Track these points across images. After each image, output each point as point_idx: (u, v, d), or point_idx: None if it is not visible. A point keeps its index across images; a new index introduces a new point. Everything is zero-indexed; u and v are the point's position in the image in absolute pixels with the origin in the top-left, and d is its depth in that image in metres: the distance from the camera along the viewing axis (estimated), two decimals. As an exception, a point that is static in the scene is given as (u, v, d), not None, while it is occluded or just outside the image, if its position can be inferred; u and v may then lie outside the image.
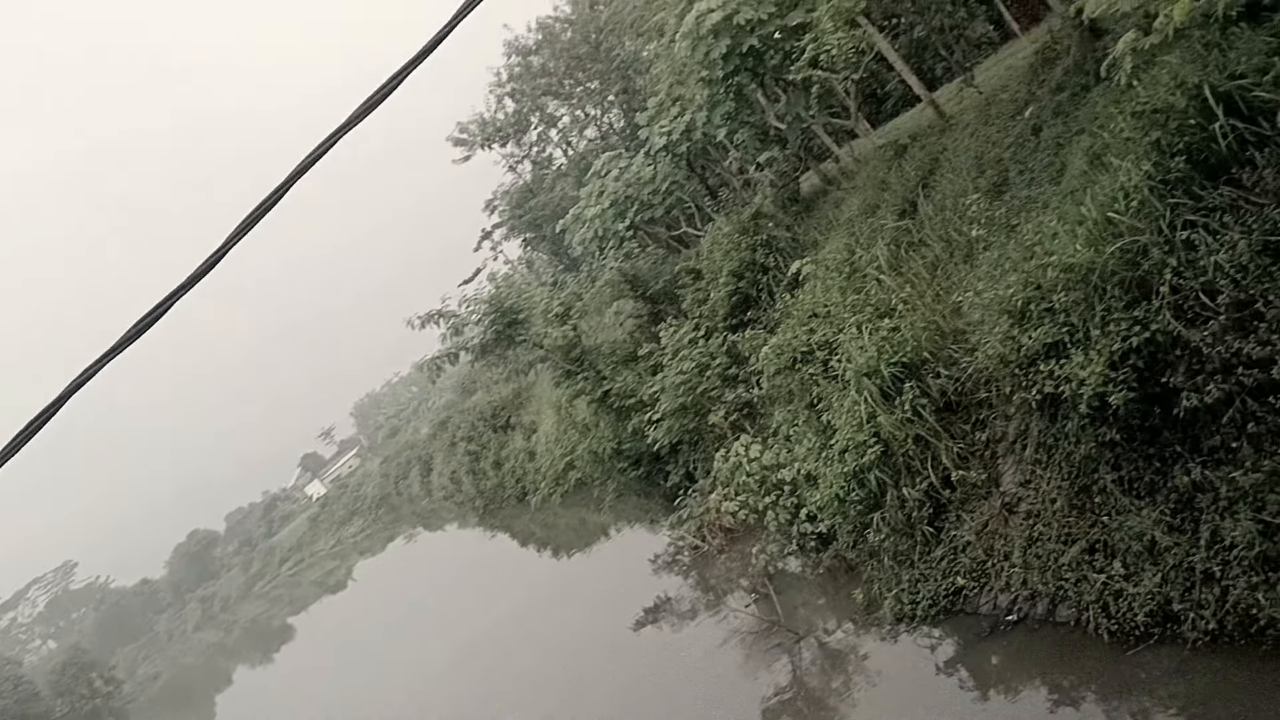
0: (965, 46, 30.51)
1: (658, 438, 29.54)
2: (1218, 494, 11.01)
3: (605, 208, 38.24)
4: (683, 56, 27.66)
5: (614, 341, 37.01)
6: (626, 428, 33.88)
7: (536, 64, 63.25)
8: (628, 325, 36.98)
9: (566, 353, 36.42)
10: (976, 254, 17.58)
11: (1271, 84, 10.48)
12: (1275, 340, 10.11)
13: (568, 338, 36.31)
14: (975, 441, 16.29)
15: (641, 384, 32.13)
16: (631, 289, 36.99)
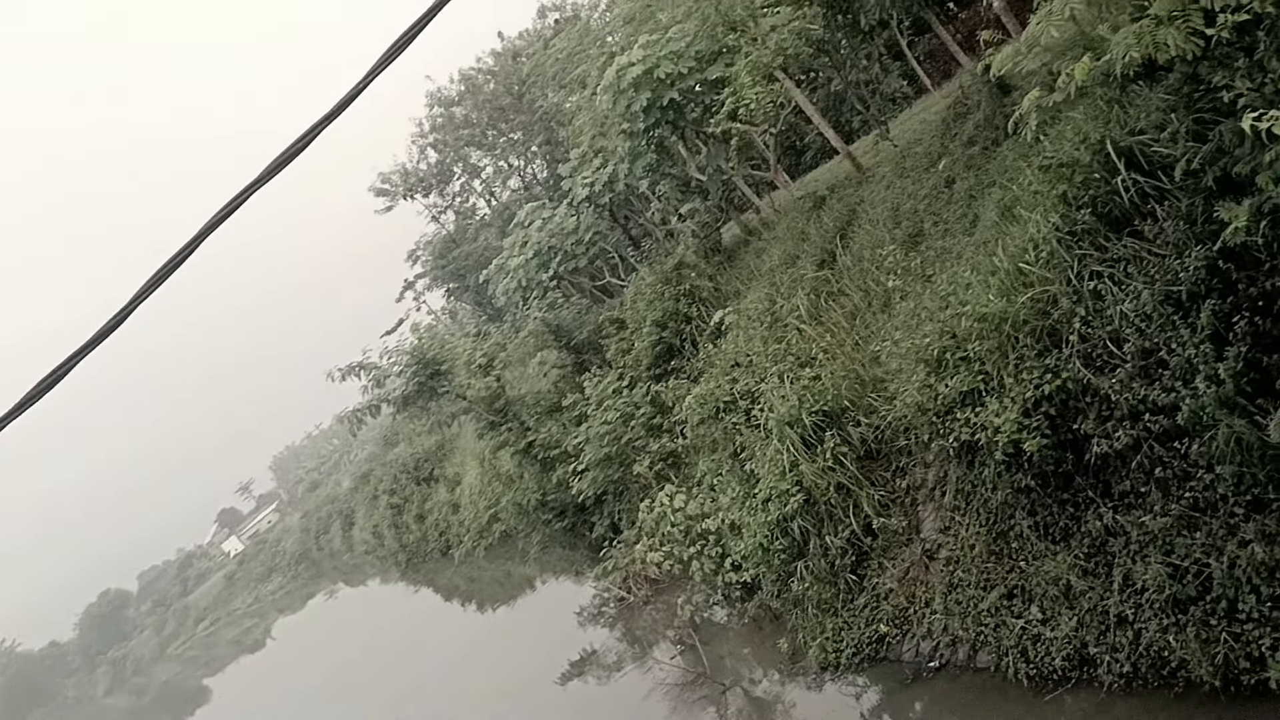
0: (880, 101, 31.25)
1: (583, 488, 29.39)
2: (1129, 538, 11.24)
3: (529, 258, 38.24)
4: (604, 109, 27.90)
5: (538, 392, 36.85)
6: (551, 479, 33.69)
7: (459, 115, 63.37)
8: (552, 375, 36.87)
9: (490, 404, 36.19)
10: (894, 304, 17.87)
11: (1169, 140, 10.85)
12: (1179, 387, 10.39)
13: (491, 389, 36.11)
14: (896, 489, 16.47)
15: (566, 434, 32.00)
16: (555, 339, 36.93)
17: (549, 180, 57.51)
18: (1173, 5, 9.16)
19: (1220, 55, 9.31)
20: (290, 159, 5.85)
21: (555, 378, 36.56)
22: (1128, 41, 9.53)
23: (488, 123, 62.59)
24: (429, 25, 6.08)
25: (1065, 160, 12.71)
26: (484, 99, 62.25)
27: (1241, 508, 9.96)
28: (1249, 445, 9.69)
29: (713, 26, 25.59)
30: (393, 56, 6.01)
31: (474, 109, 62.71)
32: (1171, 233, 10.96)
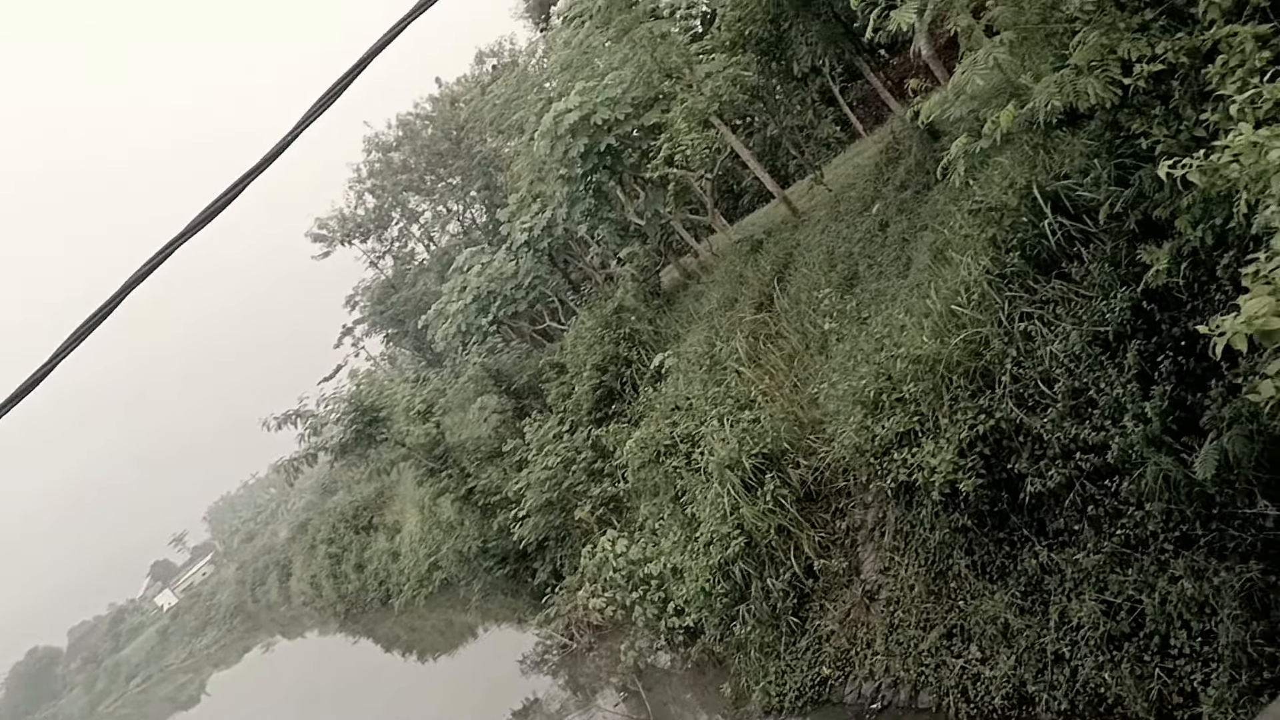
0: (815, 146, 31.70)
1: (524, 535, 29.15)
2: (1064, 575, 11.38)
3: (468, 303, 38.14)
4: (542, 154, 28.00)
5: (478, 438, 36.61)
6: (492, 525, 33.37)
7: (397, 160, 63.26)
8: (492, 421, 36.65)
9: (429, 450, 35.87)
10: (831, 346, 18.05)
11: (1092, 184, 11.12)
12: (1108, 426, 10.58)
13: (430, 435, 35.80)
14: (836, 530, 16.54)
15: (507, 480, 31.76)
16: (495, 384, 36.73)
17: (488, 225, 57.51)
18: (1091, 55, 9.43)
19: (1138, 103, 9.59)
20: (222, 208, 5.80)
21: (495, 423, 36.34)
22: (1049, 90, 9.78)
23: (426, 168, 62.54)
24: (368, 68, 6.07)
25: (994, 204, 12.97)
26: (422, 144, 62.23)
27: (1171, 544, 10.14)
28: (1176, 482, 9.87)
29: (649, 73, 25.84)
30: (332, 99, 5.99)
31: (412, 154, 62.65)
32: (1097, 275, 11.21)
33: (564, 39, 30.58)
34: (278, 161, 6.00)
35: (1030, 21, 10.87)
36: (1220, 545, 9.70)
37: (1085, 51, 9.52)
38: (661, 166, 25.47)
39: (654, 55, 25.33)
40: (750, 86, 25.54)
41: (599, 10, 25.99)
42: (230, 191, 5.83)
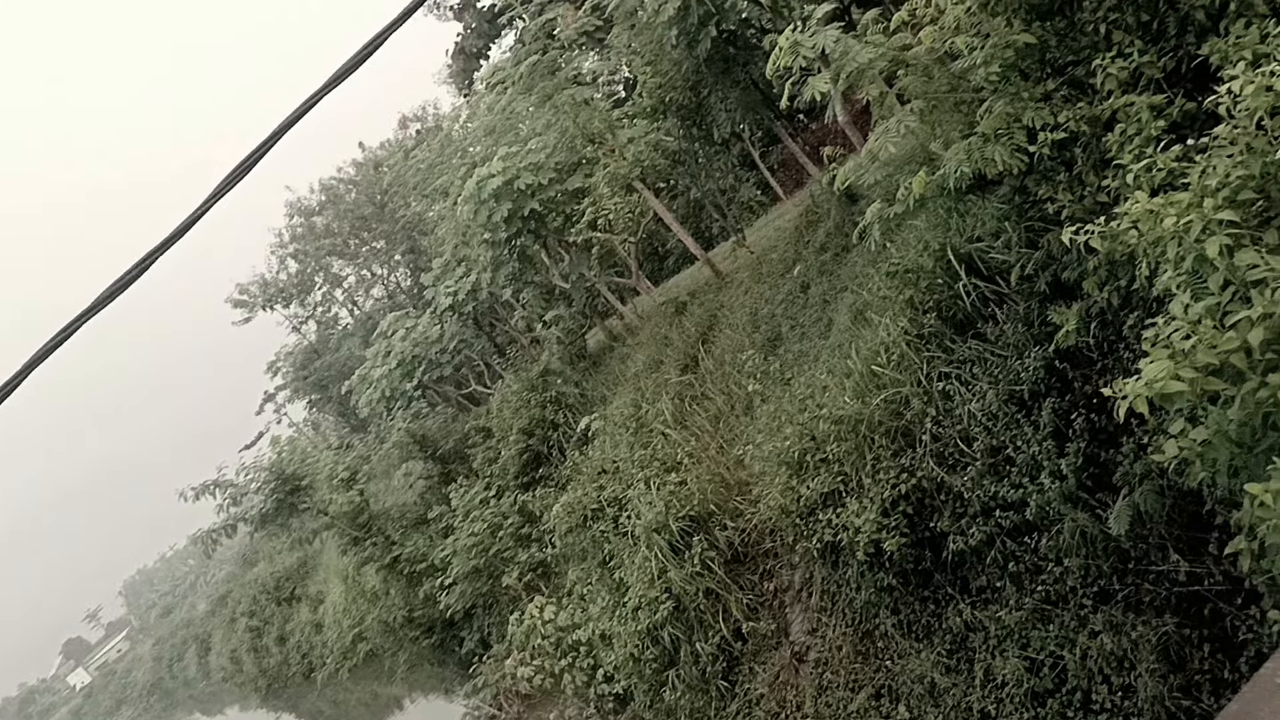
0: (737, 209, 32.12)
1: (450, 603, 28.66)
2: (988, 633, 11.48)
3: (393, 368, 37.76)
4: (466, 219, 28.02)
5: (403, 504, 36.08)
6: (418, 594, 32.78)
7: (320, 224, 62.82)
8: (418, 487, 36.16)
9: (353, 519, 35.21)
10: (755, 407, 18.16)
11: (1004, 247, 11.42)
12: (1025, 483, 10.77)
13: (354, 503, 35.17)
14: (764, 592, 16.52)
15: (433, 547, 31.28)
16: (421, 450, 36.34)
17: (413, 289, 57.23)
18: (998, 124, 9.74)
19: (1044, 170, 9.91)
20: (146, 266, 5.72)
21: (421, 489, 35.87)
22: (959, 157, 10.07)
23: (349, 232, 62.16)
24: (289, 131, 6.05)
25: (910, 266, 13.25)
26: (345, 208, 61.90)
27: (1090, 599, 10.30)
28: (1093, 538, 10.06)
29: (571, 139, 26.11)
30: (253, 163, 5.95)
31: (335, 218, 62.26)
32: (1011, 335, 11.49)
33: (487, 104, 30.83)
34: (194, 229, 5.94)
35: (939, 91, 11.21)
36: (1136, 600, 9.88)
37: (992, 120, 9.84)
38: (585, 230, 25.66)
39: (576, 121, 25.63)
40: (672, 151, 25.93)
41: (522, 76, 26.28)
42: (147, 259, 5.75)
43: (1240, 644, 8.95)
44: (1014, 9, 9.66)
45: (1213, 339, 5.45)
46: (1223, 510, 8.42)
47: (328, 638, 46.86)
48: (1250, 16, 7.49)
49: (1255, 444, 5.79)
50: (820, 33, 13.29)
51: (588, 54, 31.95)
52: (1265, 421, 5.60)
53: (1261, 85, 5.75)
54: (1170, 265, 6.00)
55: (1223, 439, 5.87)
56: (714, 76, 22.08)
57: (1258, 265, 5.36)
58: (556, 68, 26.77)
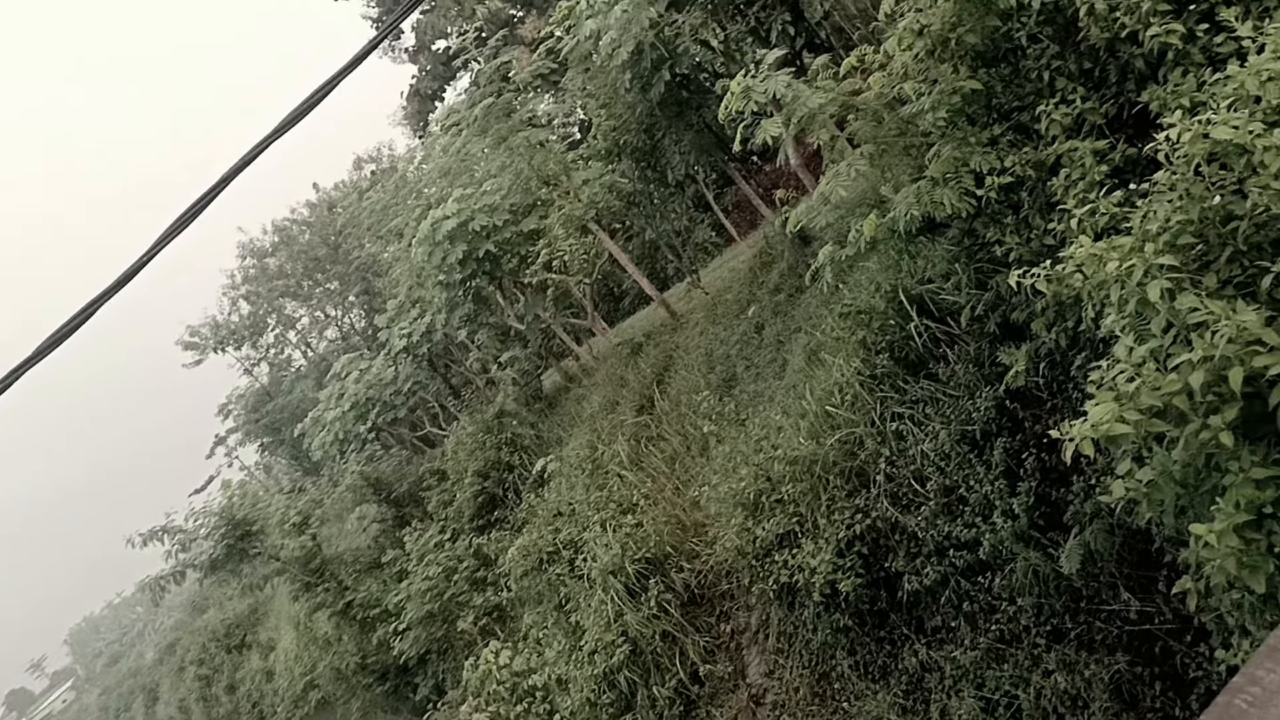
0: (692, 250, 32.31)
1: (404, 649, 28.25)
2: (943, 673, 11.50)
3: (346, 410, 37.41)
4: (421, 260, 27.94)
5: (357, 549, 35.62)
6: (371, 640, 32.27)
7: (273, 265, 62.42)
8: (371, 531, 35.75)
9: (305, 564, 34.65)
10: (711, 448, 18.17)
11: (954, 288, 11.57)
12: (979, 523, 10.85)
13: (306, 548, 34.61)
14: (720, 634, 16.46)
15: (386, 592, 30.86)
16: (375, 493, 35.93)
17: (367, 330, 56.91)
18: (946, 168, 9.89)
19: (991, 213, 10.07)
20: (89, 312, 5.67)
21: (375, 533, 35.46)
22: (908, 200, 10.21)
23: (303, 273, 61.82)
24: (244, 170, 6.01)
25: (862, 307, 13.38)
26: (299, 250, 61.60)
27: (1043, 638, 10.36)
28: (1045, 577, 10.14)
29: (526, 180, 26.18)
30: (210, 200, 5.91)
31: (289, 260, 61.91)
32: (963, 375, 11.61)
33: (442, 146, 30.85)
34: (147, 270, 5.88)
35: (888, 135, 11.38)
36: (1089, 638, 9.95)
37: (940, 164, 9.99)
38: (541, 271, 25.67)
39: (531, 163, 25.73)
40: (627, 193, 26.08)
41: (477, 118, 26.35)
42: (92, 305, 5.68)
43: (1190, 681, 9.03)
44: (960, 56, 9.85)
45: (1155, 381, 5.54)
46: (1171, 548, 8.53)
47: (279, 685, 45.92)
48: (1187, 65, 7.69)
49: (1199, 484, 5.88)
50: (771, 78, 13.46)
51: (542, 96, 32.13)
52: (1208, 462, 5.69)
53: (1198, 132, 5.89)
54: (1114, 308, 6.10)
55: (1167, 479, 5.95)
56: (668, 119, 22.30)
57: (1198, 309, 5.46)
58: (511, 110, 26.87)
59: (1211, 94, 6.58)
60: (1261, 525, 5.37)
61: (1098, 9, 8.23)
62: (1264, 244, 5.80)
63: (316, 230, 61.02)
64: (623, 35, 19.65)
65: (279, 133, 6.00)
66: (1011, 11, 9.16)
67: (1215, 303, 5.42)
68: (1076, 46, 8.87)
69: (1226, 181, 5.92)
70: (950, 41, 9.59)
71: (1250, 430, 5.49)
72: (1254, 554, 5.37)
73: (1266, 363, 5.10)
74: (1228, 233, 5.92)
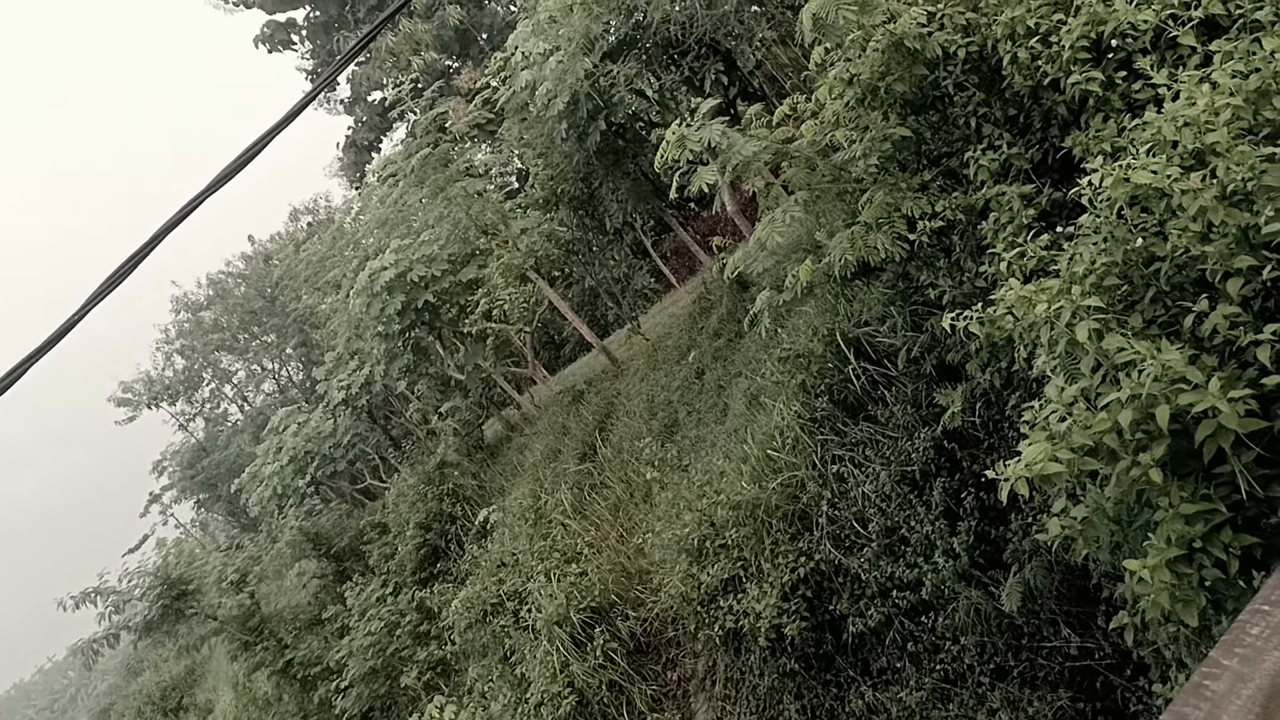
0: (631, 296, 32.48)
1: (347, 707, 27.66)
2: (890, 715, 11.51)
3: (284, 464, 36.87)
4: (359, 312, 27.76)
5: (296, 605, 34.91)
6: (313, 699, 31.53)
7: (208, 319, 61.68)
8: (311, 586, 35.11)
9: (244, 622, 33.86)
10: (654, 494, 18.14)
11: (890, 331, 11.73)
12: (920, 563, 10.93)
13: (244, 606, 33.83)
14: (668, 681, 16.35)
15: (328, 649, 30.26)
16: (314, 548, 35.33)
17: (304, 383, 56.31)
18: (879, 213, 10.07)
19: (924, 257, 10.25)
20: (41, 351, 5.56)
21: (315, 588, 34.83)
22: (843, 245, 10.36)
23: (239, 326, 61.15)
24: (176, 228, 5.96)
25: (801, 351, 13.51)
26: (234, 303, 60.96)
27: (987, 676, 10.43)
28: (987, 615, 10.23)
29: (465, 230, 26.19)
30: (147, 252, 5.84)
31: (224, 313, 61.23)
32: (901, 416, 11.74)
33: (379, 196, 30.81)
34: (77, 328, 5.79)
35: (822, 182, 11.57)
36: (1032, 675, 10.03)
37: (873, 209, 10.17)
38: (480, 321, 25.65)
39: (469, 212, 25.76)
40: (565, 241, 26.18)
41: (414, 169, 26.35)
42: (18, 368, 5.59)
43: (1132, 715, 9.13)
44: (890, 104, 10.06)
45: (1086, 420, 5.65)
46: (1108, 584, 8.65)
47: (217, 749, 44.77)
48: (1108, 111, 7.92)
49: (1132, 520, 5.99)
50: (706, 127, 13.63)
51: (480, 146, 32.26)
52: (1140, 499, 5.80)
53: (1119, 177, 6.06)
54: (1045, 349, 6.23)
55: (1101, 516, 6.06)
56: (604, 168, 22.47)
57: (1124, 349, 5.59)
58: (448, 160, 26.91)
59: (1131, 139, 6.78)
60: (1192, 559, 5.48)
61: (1020, 58, 8.47)
62: (1185, 284, 5.96)
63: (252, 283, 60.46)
64: (558, 86, 19.82)
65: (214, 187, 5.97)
66: (938, 61, 9.38)
67: (1141, 342, 5.55)
68: (1001, 94, 9.10)
69: (1148, 224, 6.09)
70: (880, 90, 9.79)
71: (1179, 466, 5.61)
72: (1185, 588, 5.47)
73: (1191, 399, 5.22)
74: (1151, 274, 6.08)
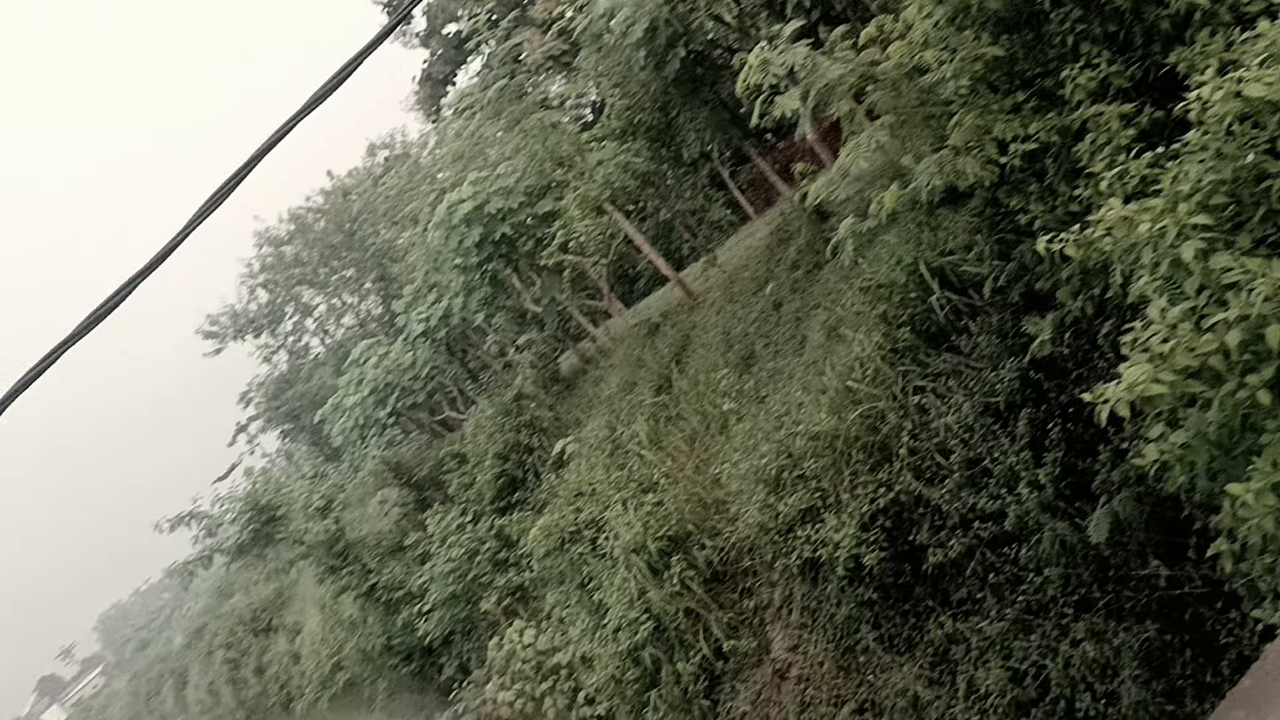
0: (707, 229, 32.19)
1: (429, 630, 28.45)
2: (969, 645, 11.47)
3: (365, 396, 37.54)
4: (437, 245, 27.94)
5: (379, 532, 35.74)
6: (396, 621, 32.47)
7: (289, 254, 62.41)
8: (393, 514, 35.86)
9: (329, 547, 34.88)
10: (731, 426, 18.14)
11: (976, 260, 11.50)
12: (1004, 494, 10.80)
13: (330, 532, 34.85)
14: (744, 609, 16.46)
15: (410, 575, 31.03)
16: (396, 477, 36.07)
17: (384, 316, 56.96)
18: (968, 136, 9.81)
19: (1015, 181, 9.99)
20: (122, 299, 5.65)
21: (397, 516, 35.58)
22: (930, 171, 10.13)
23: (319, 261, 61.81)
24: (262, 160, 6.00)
25: (883, 281, 13.31)
26: (315, 237, 61.58)
27: (1071, 608, 10.32)
28: (1072, 547, 10.09)
29: (541, 162, 26.10)
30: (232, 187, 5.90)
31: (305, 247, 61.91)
32: (985, 347, 11.54)
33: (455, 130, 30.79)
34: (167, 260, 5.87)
35: (909, 105, 11.29)
36: (1118, 607, 9.91)
37: (962, 133, 9.91)
38: (556, 253, 25.64)
39: (545, 144, 25.65)
40: (641, 173, 25.98)
41: (490, 102, 26.30)
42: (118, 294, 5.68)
43: (1222, 647, 8.99)
44: (981, 23, 9.74)
45: (1191, 342, 5.49)
46: (1201, 515, 8.48)
47: (306, 667, 46.27)
48: (1215, 25, 7.59)
49: (1234, 445, 5.82)
50: (790, 50, 13.34)
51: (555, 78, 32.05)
52: (1244, 423, 5.63)
53: (1230, 91, 5.82)
54: (1146, 271, 6.04)
55: (1202, 441, 5.90)
56: (682, 97, 22.16)
57: (1232, 268, 5.40)
58: (524, 92, 26.82)
59: (1242, 52, 6.49)
60: (1298, 485, 5.33)
61: (1122, -29, 8.14)
62: (1297, 202, 5.73)
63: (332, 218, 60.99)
64: (636, 13, 19.54)
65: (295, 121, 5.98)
66: (1034, -24, 9.06)
67: (1250, 261, 5.36)
68: (1101, 10, 8.76)
69: (1259, 140, 5.85)
70: (971, 8, 9.49)
71: (1286, 389, 5.43)
72: (1290, 514, 5.33)
73: (1303, 320, 5.04)
74: (1261, 191, 5.85)
